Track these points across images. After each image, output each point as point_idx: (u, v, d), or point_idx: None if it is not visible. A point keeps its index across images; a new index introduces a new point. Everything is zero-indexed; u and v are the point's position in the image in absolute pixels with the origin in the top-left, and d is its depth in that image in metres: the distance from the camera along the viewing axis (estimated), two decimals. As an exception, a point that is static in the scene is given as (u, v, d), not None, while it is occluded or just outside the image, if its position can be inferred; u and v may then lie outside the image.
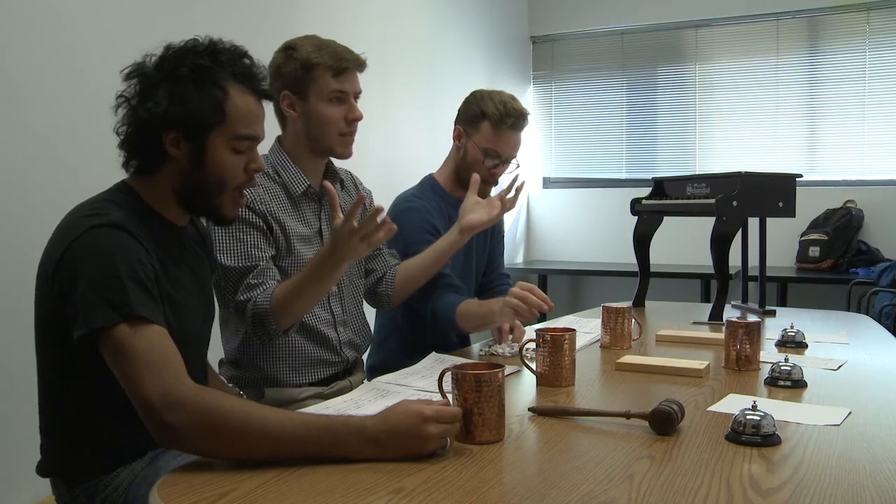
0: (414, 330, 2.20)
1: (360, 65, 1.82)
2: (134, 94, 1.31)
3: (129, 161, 1.34)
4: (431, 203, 2.21)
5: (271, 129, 1.64)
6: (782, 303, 4.37)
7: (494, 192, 2.37)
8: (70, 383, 1.30)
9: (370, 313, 2.32)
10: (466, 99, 2.26)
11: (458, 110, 2.28)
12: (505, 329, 1.97)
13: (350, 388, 1.87)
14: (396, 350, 2.21)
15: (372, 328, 2.33)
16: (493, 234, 2.46)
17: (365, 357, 2.27)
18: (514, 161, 2.26)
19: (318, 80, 1.76)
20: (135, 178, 1.36)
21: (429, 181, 2.31)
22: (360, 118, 1.83)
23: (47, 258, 1.26)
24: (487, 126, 2.18)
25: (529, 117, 2.26)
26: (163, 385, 1.11)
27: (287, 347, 1.80)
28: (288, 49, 1.79)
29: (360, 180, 2.08)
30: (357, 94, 1.84)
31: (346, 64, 1.77)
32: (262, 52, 1.48)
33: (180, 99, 1.27)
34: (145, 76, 1.30)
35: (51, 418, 1.34)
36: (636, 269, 2.80)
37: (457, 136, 2.25)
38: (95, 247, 1.19)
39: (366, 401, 1.46)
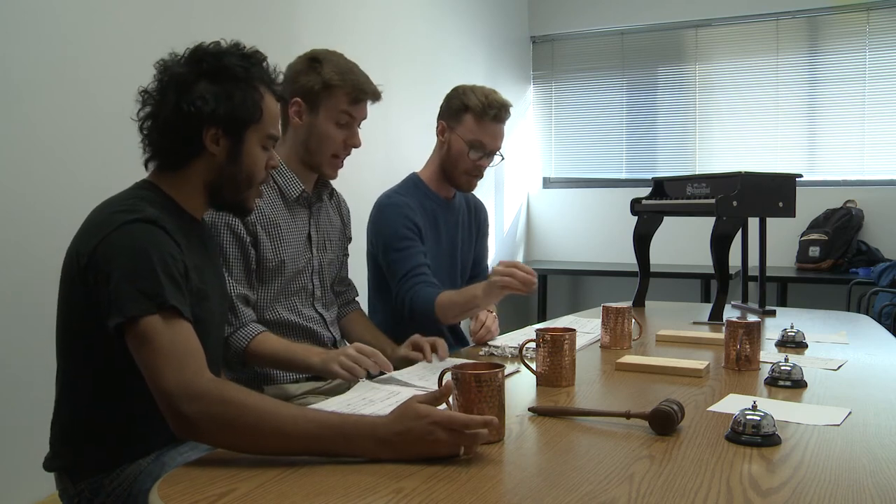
0: (409, 328, 2.20)
1: (376, 97, 1.88)
2: (163, 90, 1.34)
3: (155, 157, 1.38)
4: (414, 200, 2.22)
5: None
6: (782, 303, 4.37)
7: (482, 190, 2.37)
8: (90, 378, 1.32)
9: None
10: (448, 95, 2.28)
11: (441, 106, 2.29)
12: (481, 319, 2.05)
13: (348, 385, 1.88)
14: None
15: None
16: (478, 235, 2.45)
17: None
18: (497, 154, 2.27)
19: (332, 100, 1.82)
20: (158, 174, 1.39)
21: (413, 179, 2.31)
22: (357, 145, 1.89)
23: (77, 253, 1.28)
24: (470, 118, 2.19)
25: (517, 114, 2.27)
26: (182, 377, 1.14)
27: None
28: (313, 61, 1.84)
29: (344, 199, 2.11)
30: (362, 120, 1.90)
31: (363, 96, 1.84)
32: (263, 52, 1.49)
33: (226, 97, 1.32)
34: (178, 73, 1.33)
35: (64, 411, 1.36)
36: (636, 269, 2.80)
37: (440, 131, 2.25)
38: (130, 241, 1.23)
39: (364, 402, 1.46)
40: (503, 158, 2.30)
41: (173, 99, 1.32)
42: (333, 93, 1.81)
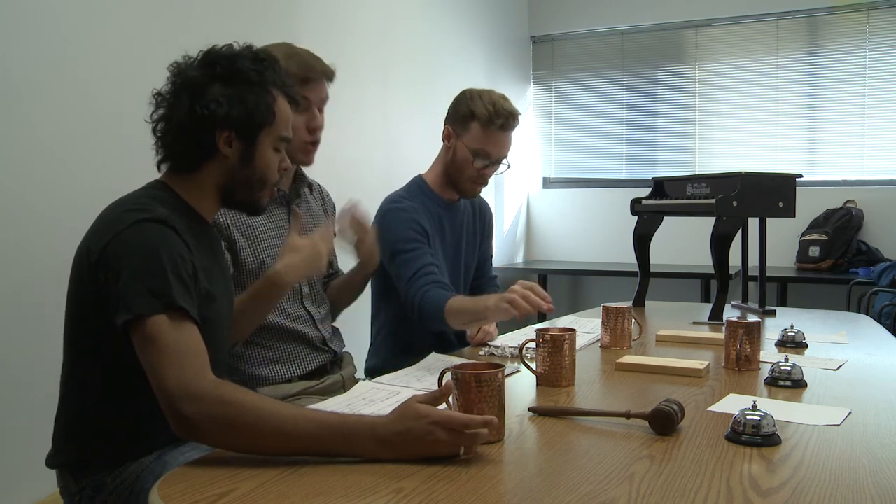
0: (411, 332, 2.20)
1: (327, 75, 1.84)
2: (176, 93, 1.35)
3: (168, 158, 1.39)
4: (419, 204, 2.20)
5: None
6: (782, 303, 4.37)
7: (487, 192, 2.36)
8: (98, 376, 1.32)
9: (366, 316, 2.32)
10: (456, 98, 2.24)
11: (448, 109, 2.26)
12: (485, 328, 2.06)
13: (342, 383, 1.88)
14: (394, 352, 2.20)
15: (368, 331, 2.33)
16: (483, 238, 2.44)
17: (363, 360, 2.27)
18: (504, 161, 2.24)
19: None
20: (170, 175, 1.40)
21: (417, 182, 2.29)
22: (320, 127, 1.84)
23: (87, 251, 1.28)
24: (477, 126, 2.15)
25: (520, 117, 2.23)
26: (183, 378, 1.14)
27: (269, 349, 1.79)
28: None
29: (328, 191, 2.11)
30: (322, 103, 1.86)
31: (312, 74, 1.80)
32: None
33: (239, 100, 1.33)
34: (191, 77, 1.34)
35: (70, 408, 1.36)
36: (636, 269, 2.80)
37: (446, 136, 2.22)
38: (141, 240, 1.23)
39: (364, 402, 1.46)
40: (509, 166, 2.26)
41: (187, 102, 1.33)
42: None
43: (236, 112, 1.33)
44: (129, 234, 1.23)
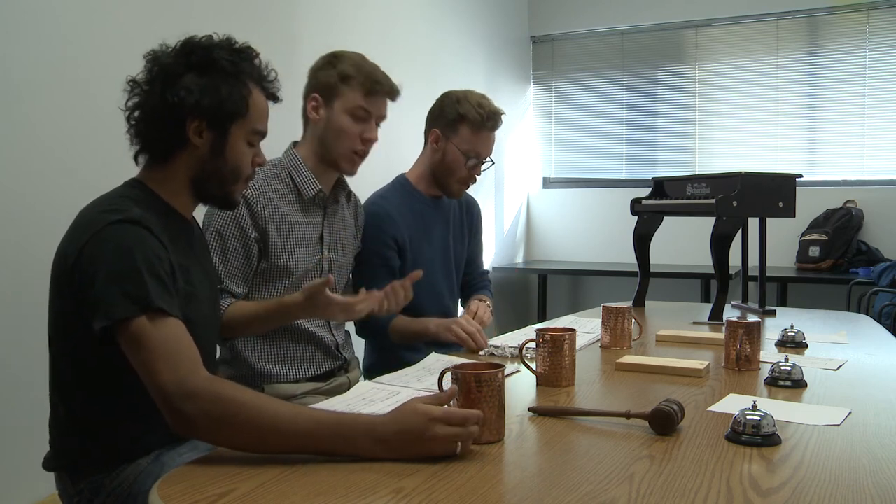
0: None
1: (392, 93, 1.90)
2: (151, 80, 1.34)
3: (142, 151, 1.38)
4: (403, 203, 2.22)
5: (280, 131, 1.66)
6: (782, 303, 4.37)
7: (482, 190, 2.38)
8: (82, 378, 1.32)
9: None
10: (440, 101, 2.27)
11: (432, 112, 2.28)
12: (480, 315, 2.12)
13: (348, 385, 1.88)
14: (393, 350, 2.20)
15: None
16: (471, 234, 2.46)
17: (361, 358, 2.27)
18: (489, 158, 2.30)
19: (347, 93, 1.84)
20: (146, 171, 1.39)
21: (400, 180, 2.32)
22: (374, 140, 1.89)
23: (65, 253, 1.28)
24: (467, 129, 2.20)
25: (514, 116, 2.29)
26: (178, 375, 1.14)
27: (282, 348, 1.81)
28: (332, 57, 1.88)
29: (360, 202, 2.15)
30: (380, 119, 1.90)
31: (378, 87, 1.86)
32: (262, 52, 1.49)
33: (212, 90, 1.32)
34: (166, 64, 1.33)
35: (61, 412, 1.36)
36: (636, 269, 2.80)
37: (434, 140, 2.25)
38: (115, 241, 1.22)
39: (364, 402, 1.46)
40: (493, 163, 2.32)
41: (160, 89, 1.32)
42: (348, 84, 1.83)
43: (207, 101, 1.32)
44: (102, 237, 1.23)
